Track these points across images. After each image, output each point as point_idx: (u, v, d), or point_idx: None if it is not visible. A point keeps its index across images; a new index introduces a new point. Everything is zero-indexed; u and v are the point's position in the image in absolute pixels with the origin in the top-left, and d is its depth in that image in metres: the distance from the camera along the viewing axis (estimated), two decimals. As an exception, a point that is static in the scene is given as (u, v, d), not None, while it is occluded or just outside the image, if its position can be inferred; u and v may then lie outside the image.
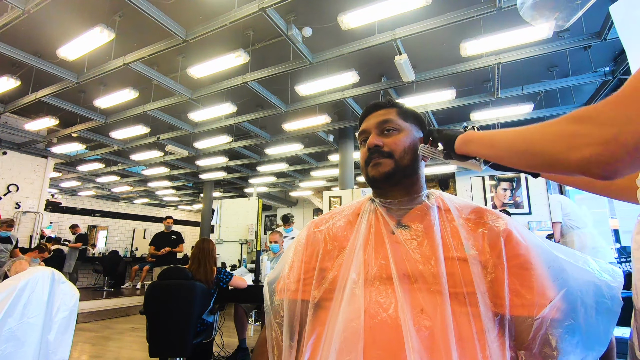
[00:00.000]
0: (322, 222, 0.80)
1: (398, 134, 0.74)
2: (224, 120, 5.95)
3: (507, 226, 0.65)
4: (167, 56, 4.27)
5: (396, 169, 0.72)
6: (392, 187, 0.74)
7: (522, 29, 3.27)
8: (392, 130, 0.75)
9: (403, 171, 0.73)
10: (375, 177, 0.73)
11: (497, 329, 0.57)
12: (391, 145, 0.73)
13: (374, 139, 0.74)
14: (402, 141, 0.74)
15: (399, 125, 0.75)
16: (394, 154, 0.72)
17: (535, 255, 0.63)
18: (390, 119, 0.75)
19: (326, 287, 0.67)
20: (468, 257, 0.61)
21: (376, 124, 0.76)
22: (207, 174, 9.38)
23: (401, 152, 0.73)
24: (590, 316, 0.58)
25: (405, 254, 0.64)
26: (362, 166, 0.78)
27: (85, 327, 4.93)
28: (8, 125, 6.33)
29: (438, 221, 0.68)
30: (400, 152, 0.73)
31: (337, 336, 0.58)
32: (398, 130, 0.75)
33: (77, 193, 11.48)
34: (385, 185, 0.74)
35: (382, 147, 0.73)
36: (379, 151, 0.73)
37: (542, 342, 0.57)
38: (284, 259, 0.80)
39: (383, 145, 0.73)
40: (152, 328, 2.35)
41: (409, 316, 0.56)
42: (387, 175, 0.72)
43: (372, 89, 4.87)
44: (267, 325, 0.74)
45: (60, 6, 3.69)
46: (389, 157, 0.72)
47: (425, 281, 0.60)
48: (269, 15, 3.29)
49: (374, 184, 0.76)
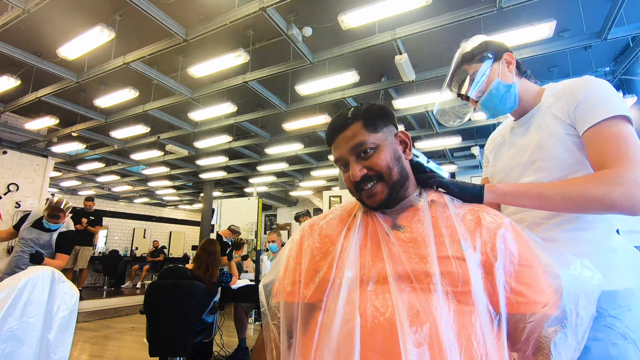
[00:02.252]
0: (316, 223, 0.80)
1: (375, 151, 0.71)
2: (224, 119, 5.95)
3: (505, 225, 0.65)
4: (168, 56, 4.27)
5: (390, 191, 0.72)
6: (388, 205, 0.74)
7: (522, 28, 3.27)
8: (368, 150, 0.71)
9: (396, 188, 0.73)
10: (373, 206, 0.74)
11: (496, 328, 0.57)
12: (375, 167, 0.71)
13: (356, 169, 0.71)
14: (383, 158, 0.71)
15: (372, 142, 0.71)
16: (383, 175, 0.71)
17: (532, 255, 0.63)
18: (362, 141, 0.71)
19: (321, 289, 0.66)
20: (465, 256, 0.61)
21: (349, 150, 0.72)
22: (207, 173, 9.38)
23: (387, 170, 0.71)
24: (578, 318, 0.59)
25: (401, 255, 0.63)
26: (352, 192, 0.76)
27: (85, 327, 4.94)
28: (8, 124, 6.33)
29: (434, 220, 0.68)
30: (386, 171, 0.71)
31: (332, 338, 0.57)
32: (374, 147, 0.71)
33: (77, 192, 11.49)
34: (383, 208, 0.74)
35: (367, 172, 0.71)
36: (366, 179, 0.71)
37: (535, 345, 0.57)
38: (279, 261, 0.79)
39: (367, 171, 0.71)
40: (152, 327, 2.35)
41: (405, 317, 0.55)
42: (384, 202, 0.72)
43: (372, 88, 4.87)
44: (264, 327, 0.74)
45: (61, 5, 3.69)
46: (380, 180, 0.71)
47: (422, 281, 0.60)
48: (269, 15, 3.28)
49: (370, 208, 0.76)
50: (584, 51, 4.17)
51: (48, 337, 1.98)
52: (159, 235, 12.94)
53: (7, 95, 5.36)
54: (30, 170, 6.18)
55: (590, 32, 3.65)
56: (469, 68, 0.96)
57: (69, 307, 2.13)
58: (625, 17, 3.47)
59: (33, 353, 1.88)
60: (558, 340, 0.56)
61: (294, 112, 5.55)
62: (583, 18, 3.55)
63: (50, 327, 2.00)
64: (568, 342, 0.56)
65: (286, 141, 7.01)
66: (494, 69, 0.94)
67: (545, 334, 0.56)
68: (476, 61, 0.95)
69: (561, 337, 0.56)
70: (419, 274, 0.60)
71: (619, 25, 3.44)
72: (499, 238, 0.63)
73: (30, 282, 1.95)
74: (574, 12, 3.58)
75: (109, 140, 6.98)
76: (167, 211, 14.39)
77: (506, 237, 0.63)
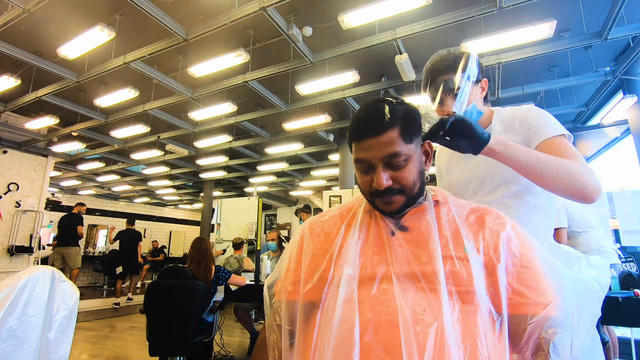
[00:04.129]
0: (316, 222, 0.79)
1: (407, 164, 0.67)
2: (224, 119, 5.95)
3: (507, 226, 0.65)
4: (168, 55, 4.26)
5: (408, 201, 0.69)
6: None
7: (522, 28, 3.27)
8: (401, 162, 0.66)
9: (414, 199, 0.70)
10: (385, 212, 0.70)
11: (499, 329, 0.57)
12: (401, 181, 0.67)
13: (382, 180, 0.65)
14: (412, 171, 0.67)
15: (406, 153, 0.66)
16: (405, 190, 0.67)
17: (534, 256, 0.63)
18: (398, 153, 0.65)
19: (320, 287, 0.66)
20: (468, 257, 0.61)
21: (381, 158, 0.66)
22: (207, 173, 9.37)
23: (411, 185, 0.68)
24: (579, 319, 0.59)
25: (406, 255, 0.63)
26: (364, 192, 0.72)
27: (86, 326, 4.94)
28: (8, 124, 6.32)
29: (437, 220, 0.67)
30: (410, 185, 0.68)
31: (332, 336, 0.57)
32: (407, 159, 0.66)
33: (78, 192, 11.48)
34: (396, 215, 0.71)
35: (392, 185, 0.67)
36: (389, 190, 0.67)
37: (535, 346, 0.57)
38: (282, 260, 0.80)
39: (393, 183, 0.67)
40: (152, 327, 2.36)
41: (409, 317, 0.55)
42: (399, 210, 0.69)
43: (372, 88, 4.87)
44: (266, 327, 0.74)
45: (61, 5, 3.69)
46: (401, 193, 0.67)
47: (426, 281, 0.59)
48: (269, 15, 3.28)
49: (382, 213, 0.72)
50: (584, 51, 4.17)
51: (48, 336, 1.98)
52: (159, 235, 12.95)
53: (7, 95, 5.36)
54: (30, 169, 6.18)
55: (591, 32, 3.65)
56: (453, 78, 0.97)
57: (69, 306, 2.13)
58: (626, 17, 3.47)
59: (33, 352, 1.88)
60: (557, 342, 0.56)
61: (294, 112, 5.55)
62: (583, 18, 3.55)
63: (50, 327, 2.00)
64: (568, 343, 0.56)
65: (286, 141, 7.00)
66: (473, 91, 0.99)
67: (544, 335, 0.56)
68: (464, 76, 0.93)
69: (560, 338, 0.56)
70: (423, 274, 0.60)
71: (619, 25, 3.44)
72: (502, 239, 0.63)
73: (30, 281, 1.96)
74: (574, 12, 3.58)
75: (109, 140, 6.97)
76: (167, 211, 14.39)
77: (509, 239, 0.63)
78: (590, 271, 0.62)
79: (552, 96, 5.27)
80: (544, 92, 4.95)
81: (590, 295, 0.60)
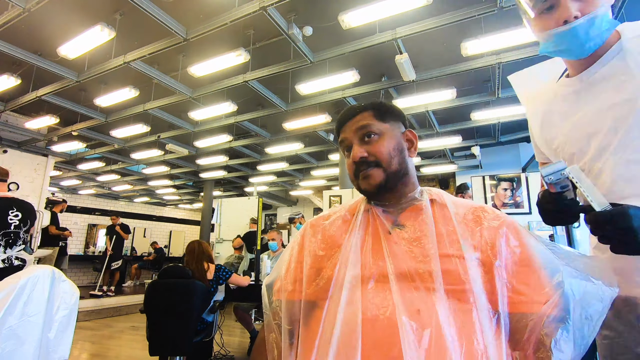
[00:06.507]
0: (318, 222, 0.80)
1: (379, 138, 0.74)
2: (224, 119, 5.95)
3: (505, 224, 0.65)
4: (168, 55, 4.26)
5: (387, 177, 0.72)
6: (385, 194, 0.74)
7: (522, 28, 3.26)
8: (372, 135, 0.73)
9: (394, 177, 0.73)
10: (367, 190, 0.74)
11: (495, 327, 0.57)
12: (376, 154, 0.72)
13: (357, 151, 0.73)
14: (385, 146, 0.73)
15: (378, 129, 0.74)
16: (381, 163, 0.72)
17: (532, 254, 0.63)
18: (368, 124, 0.74)
19: (322, 287, 0.67)
20: (465, 255, 0.61)
21: (354, 131, 0.75)
22: (208, 172, 9.38)
23: (387, 158, 0.72)
24: (582, 317, 0.58)
25: (402, 254, 0.64)
26: (352, 178, 0.77)
27: (86, 326, 4.94)
28: (8, 123, 6.32)
29: (434, 219, 0.68)
30: (386, 159, 0.72)
31: (334, 337, 0.57)
32: (378, 134, 0.74)
33: (78, 191, 11.48)
34: (379, 195, 0.74)
35: (367, 157, 0.72)
36: (366, 162, 0.72)
37: (536, 343, 0.57)
38: (282, 260, 0.80)
39: (368, 155, 0.72)
40: (153, 326, 2.36)
41: (406, 316, 0.56)
42: (379, 187, 0.72)
43: (372, 88, 4.86)
44: (266, 326, 0.74)
45: (61, 4, 3.69)
46: (377, 167, 0.72)
47: (423, 280, 0.60)
48: (269, 14, 3.28)
49: (367, 195, 0.76)
50: (584, 51, 4.17)
51: (48, 336, 1.98)
52: (159, 235, 12.94)
53: (7, 94, 5.36)
54: (30, 169, 6.18)
55: (591, 32, 3.65)
56: None
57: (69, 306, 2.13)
58: (626, 17, 3.47)
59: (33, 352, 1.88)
60: (559, 338, 0.56)
61: (294, 112, 5.55)
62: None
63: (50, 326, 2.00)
64: (570, 339, 0.56)
65: (286, 141, 7.00)
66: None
67: (546, 331, 0.56)
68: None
69: (562, 334, 0.56)
70: (420, 272, 0.61)
71: (619, 25, 3.44)
72: (499, 237, 0.63)
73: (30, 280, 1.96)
74: (574, 12, 3.58)
75: (109, 140, 6.97)
76: (167, 210, 14.39)
77: (506, 236, 0.64)
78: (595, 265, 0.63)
79: (552, 96, 5.27)
80: (544, 92, 4.95)
81: (594, 290, 0.59)
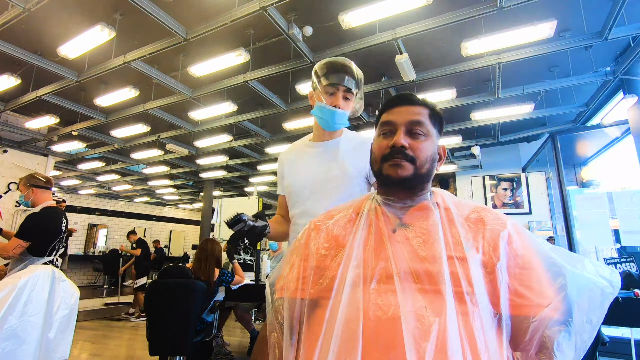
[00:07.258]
0: (322, 221, 0.80)
1: (425, 139, 0.72)
2: (225, 119, 5.95)
3: (507, 226, 0.65)
4: (168, 55, 4.26)
5: (414, 175, 0.71)
6: (402, 190, 0.73)
7: (523, 28, 3.27)
8: (420, 132, 0.72)
9: (419, 179, 0.72)
10: (391, 178, 0.72)
11: (496, 328, 0.57)
12: (416, 151, 0.71)
13: (400, 137, 0.70)
14: (427, 149, 0.72)
15: (428, 130, 0.73)
16: (416, 161, 0.71)
17: (535, 256, 0.63)
18: (423, 122, 0.73)
19: (325, 286, 0.67)
20: (467, 257, 0.61)
21: (406, 122, 0.73)
22: (207, 172, 9.38)
23: (423, 160, 0.71)
24: (584, 319, 0.58)
25: (407, 254, 0.64)
26: (376, 159, 0.75)
27: (86, 326, 4.94)
28: (8, 123, 6.33)
29: (439, 220, 0.68)
30: (422, 160, 0.71)
31: (335, 336, 0.57)
32: (426, 135, 0.73)
33: (78, 191, 11.48)
34: (397, 187, 0.73)
35: (406, 149, 0.70)
36: (403, 152, 0.70)
37: (538, 344, 0.57)
38: (285, 258, 0.80)
39: (408, 148, 0.71)
40: (153, 326, 2.36)
41: (409, 316, 0.56)
42: (404, 180, 0.71)
43: (372, 88, 4.86)
44: (267, 325, 0.74)
45: (61, 4, 3.69)
46: (411, 162, 0.71)
47: (427, 281, 0.60)
48: (269, 14, 3.28)
49: (386, 183, 0.74)
50: (584, 51, 4.16)
51: (48, 335, 1.98)
52: (159, 235, 12.94)
53: (7, 94, 5.36)
54: (30, 169, 6.18)
55: (591, 32, 3.65)
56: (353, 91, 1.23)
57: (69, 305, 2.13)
58: (626, 17, 3.47)
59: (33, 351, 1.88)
60: (561, 340, 0.56)
61: (294, 112, 5.55)
62: (584, 18, 3.55)
63: (50, 326, 2.00)
64: (572, 341, 0.56)
65: (286, 140, 7.00)
66: None
67: (548, 332, 0.56)
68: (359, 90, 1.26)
69: (565, 336, 0.56)
70: (424, 273, 0.60)
71: (619, 25, 3.43)
72: (502, 239, 0.63)
73: (30, 280, 1.96)
74: (574, 12, 3.58)
75: (109, 139, 6.97)
76: (167, 210, 14.40)
77: (509, 238, 0.63)
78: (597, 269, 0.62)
79: (552, 96, 5.27)
80: (544, 92, 4.95)
81: (596, 292, 0.60)
